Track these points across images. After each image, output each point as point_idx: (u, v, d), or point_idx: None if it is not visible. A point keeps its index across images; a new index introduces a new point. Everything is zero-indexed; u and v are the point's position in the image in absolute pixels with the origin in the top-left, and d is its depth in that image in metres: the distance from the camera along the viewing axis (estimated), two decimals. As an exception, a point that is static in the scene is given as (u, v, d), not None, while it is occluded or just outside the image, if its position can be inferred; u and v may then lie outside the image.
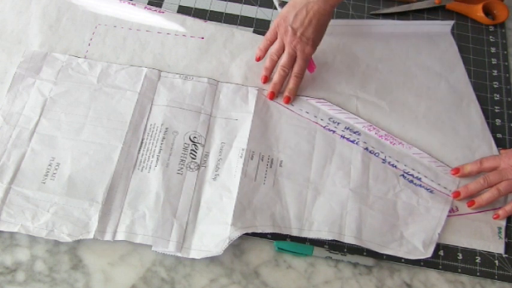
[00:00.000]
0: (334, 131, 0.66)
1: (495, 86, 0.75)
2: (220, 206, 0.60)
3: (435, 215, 0.62)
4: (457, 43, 0.77)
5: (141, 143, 0.64)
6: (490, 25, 0.81)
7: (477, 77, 0.75)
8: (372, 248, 0.59)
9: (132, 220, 0.59)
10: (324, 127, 0.67)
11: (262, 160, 0.63)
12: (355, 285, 0.59)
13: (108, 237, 0.58)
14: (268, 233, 0.60)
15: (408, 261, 0.60)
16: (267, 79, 0.69)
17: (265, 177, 0.62)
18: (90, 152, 0.62)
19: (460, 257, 0.61)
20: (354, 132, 0.67)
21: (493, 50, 0.78)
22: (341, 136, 0.66)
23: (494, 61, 0.77)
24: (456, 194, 0.63)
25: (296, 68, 0.68)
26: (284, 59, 0.67)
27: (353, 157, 0.65)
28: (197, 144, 0.64)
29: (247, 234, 0.60)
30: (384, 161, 0.65)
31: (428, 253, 0.60)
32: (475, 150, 0.68)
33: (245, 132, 0.64)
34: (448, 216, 0.62)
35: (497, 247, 0.62)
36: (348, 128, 0.67)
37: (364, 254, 0.60)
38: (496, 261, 0.61)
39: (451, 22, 0.79)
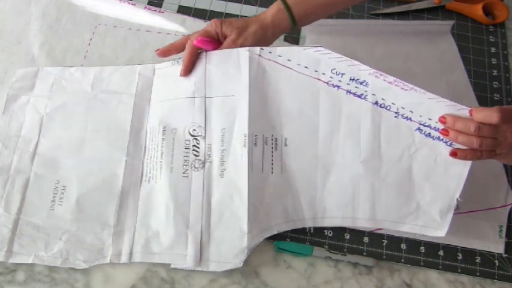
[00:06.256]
0: (338, 86, 0.59)
1: (495, 86, 0.75)
2: (232, 208, 0.58)
3: (455, 174, 0.57)
4: (457, 43, 0.77)
5: (144, 151, 0.62)
6: (490, 25, 0.80)
7: (477, 77, 0.75)
8: (388, 227, 0.58)
9: (146, 239, 0.57)
10: (327, 83, 0.60)
11: (267, 143, 0.59)
12: (355, 285, 0.59)
13: (124, 259, 0.57)
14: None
15: (408, 261, 0.60)
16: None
17: (272, 164, 0.59)
18: (94, 170, 0.61)
19: (460, 257, 0.61)
20: (361, 83, 0.59)
21: (493, 50, 0.78)
22: (347, 91, 0.59)
23: (494, 61, 0.77)
24: (442, 120, 0.55)
25: None
26: None
27: (362, 117, 0.59)
28: (198, 138, 0.60)
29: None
30: (397, 114, 0.58)
31: (445, 224, 0.57)
32: (475, 150, 0.68)
33: (244, 112, 0.59)
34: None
35: (497, 247, 0.61)
36: (353, 79, 0.59)
37: (364, 254, 0.60)
38: (496, 261, 0.61)
39: (451, 22, 0.79)
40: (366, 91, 0.59)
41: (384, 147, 0.58)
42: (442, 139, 0.56)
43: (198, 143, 0.60)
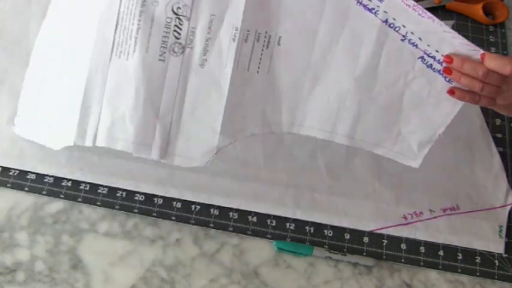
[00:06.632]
0: None
1: (495, 86, 0.75)
2: (208, 104, 0.54)
3: (444, 110, 0.55)
4: (457, 43, 0.77)
5: (117, 20, 0.53)
6: (490, 25, 0.80)
7: (477, 77, 0.75)
8: (363, 147, 0.57)
9: (112, 121, 0.53)
10: None
11: (258, 40, 0.54)
12: (355, 285, 0.59)
13: (88, 142, 0.54)
14: (268, 233, 0.61)
15: (408, 261, 0.60)
16: None
17: (259, 62, 0.54)
18: (70, 38, 0.56)
19: (460, 257, 0.61)
20: None
21: (493, 50, 0.78)
22: (357, 2, 0.53)
23: (494, 61, 0.77)
24: (447, 60, 0.52)
25: None
26: None
27: (367, 33, 0.54)
28: (181, 18, 0.52)
29: (247, 234, 0.60)
30: (404, 38, 0.53)
31: (420, 155, 0.56)
32: (475, 150, 0.68)
33: (239, 2, 0.52)
34: (449, 215, 0.62)
35: (498, 247, 0.61)
36: None
37: (364, 254, 0.60)
38: (496, 261, 0.61)
39: (451, 22, 0.79)
40: (378, 6, 0.53)
41: (382, 68, 0.55)
42: (442, 73, 0.54)
43: (180, 24, 0.53)
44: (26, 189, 0.62)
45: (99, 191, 0.62)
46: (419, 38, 0.53)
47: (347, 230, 0.62)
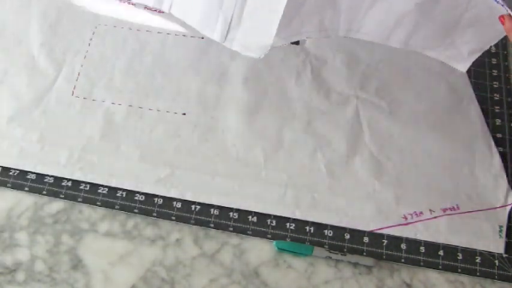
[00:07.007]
0: None
1: (495, 86, 0.75)
2: (267, 6, 0.54)
3: (499, 28, 0.54)
4: (457, 43, 0.77)
5: None
6: (490, 25, 0.80)
7: (477, 77, 0.75)
8: (414, 49, 0.58)
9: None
10: None
11: None
12: (355, 285, 0.59)
13: (165, 7, 0.57)
14: (268, 233, 0.61)
15: (408, 261, 0.60)
16: None
17: None
18: None
19: (460, 257, 0.61)
20: None
21: (493, 50, 0.78)
22: None
23: (494, 61, 0.77)
24: (502, 19, 0.53)
25: None
26: None
27: None
28: None
29: (247, 234, 0.60)
30: None
31: (468, 61, 0.58)
32: (475, 150, 0.68)
33: None
34: (449, 215, 0.62)
35: (498, 247, 0.61)
36: None
37: (364, 254, 0.60)
38: (496, 261, 0.61)
39: (451, 22, 0.79)
40: None
41: None
42: (503, 5, 0.53)
43: None
44: (26, 189, 0.62)
45: (99, 191, 0.62)
46: None
47: (347, 230, 0.62)
